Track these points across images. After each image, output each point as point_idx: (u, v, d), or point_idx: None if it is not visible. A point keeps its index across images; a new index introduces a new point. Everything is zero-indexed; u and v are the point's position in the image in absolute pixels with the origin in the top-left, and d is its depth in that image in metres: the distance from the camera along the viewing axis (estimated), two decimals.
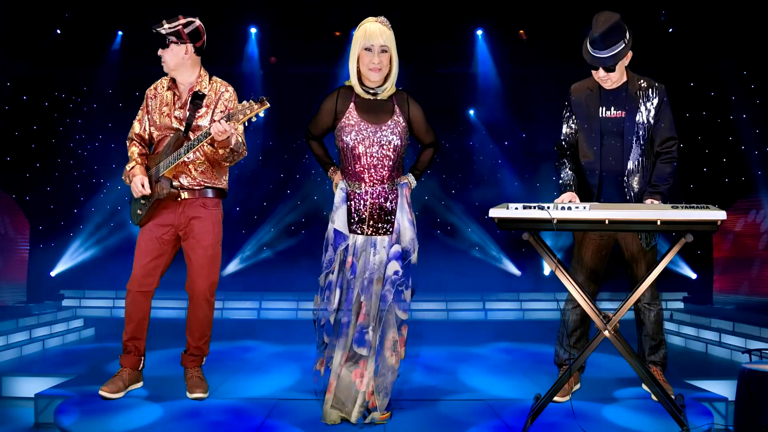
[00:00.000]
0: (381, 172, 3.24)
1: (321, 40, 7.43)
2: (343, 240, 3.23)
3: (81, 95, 7.47)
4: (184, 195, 3.47)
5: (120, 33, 7.46)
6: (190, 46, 3.45)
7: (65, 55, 7.09)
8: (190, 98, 3.46)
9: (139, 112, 3.60)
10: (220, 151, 3.40)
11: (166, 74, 3.56)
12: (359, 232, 3.26)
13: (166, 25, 3.42)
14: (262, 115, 3.28)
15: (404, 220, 3.25)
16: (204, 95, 3.47)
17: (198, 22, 3.47)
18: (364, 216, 3.25)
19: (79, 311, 6.84)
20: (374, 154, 3.22)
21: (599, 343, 3.04)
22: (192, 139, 3.40)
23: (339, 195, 3.26)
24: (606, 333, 2.98)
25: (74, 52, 7.09)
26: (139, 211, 3.51)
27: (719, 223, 2.79)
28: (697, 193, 7.13)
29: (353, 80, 3.25)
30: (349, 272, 3.23)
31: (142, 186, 3.42)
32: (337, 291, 3.23)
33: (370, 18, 3.22)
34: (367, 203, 3.25)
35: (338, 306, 3.24)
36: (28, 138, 7.17)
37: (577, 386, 3.74)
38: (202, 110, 3.46)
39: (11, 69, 6.82)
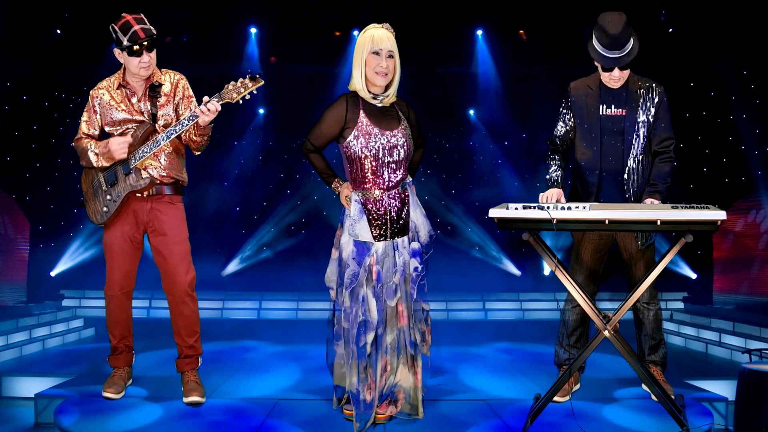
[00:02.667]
0: (395, 177, 3.23)
1: (321, 40, 7.43)
2: (367, 251, 3.19)
3: (81, 95, 7.46)
4: (151, 191, 3.42)
5: None
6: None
7: (65, 55, 7.09)
8: (147, 89, 3.41)
9: (84, 113, 3.48)
10: (197, 139, 3.36)
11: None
12: (380, 239, 3.22)
13: (151, 27, 3.32)
14: (255, 92, 3.24)
15: (419, 216, 3.30)
16: (161, 84, 3.43)
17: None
18: (384, 222, 3.22)
19: (79, 311, 6.85)
20: (389, 161, 3.20)
21: (599, 343, 3.04)
22: (162, 128, 3.35)
23: (355, 207, 3.20)
24: (606, 333, 2.98)
25: (74, 52, 7.08)
26: (105, 209, 3.39)
27: (719, 223, 2.79)
28: (697, 193, 7.13)
29: (359, 85, 3.20)
30: (377, 281, 3.20)
31: (125, 139, 3.29)
32: (374, 302, 3.19)
33: (374, 24, 3.21)
34: (387, 208, 3.23)
35: (377, 317, 3.19)
36: (28, 138, 7.16)
37: (577, 386, 3.74)
38: (162, 99, 3.42)
39: (11, 69, 6.82)
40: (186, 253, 3.48)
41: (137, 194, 3.40)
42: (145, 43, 3.28)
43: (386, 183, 3.22)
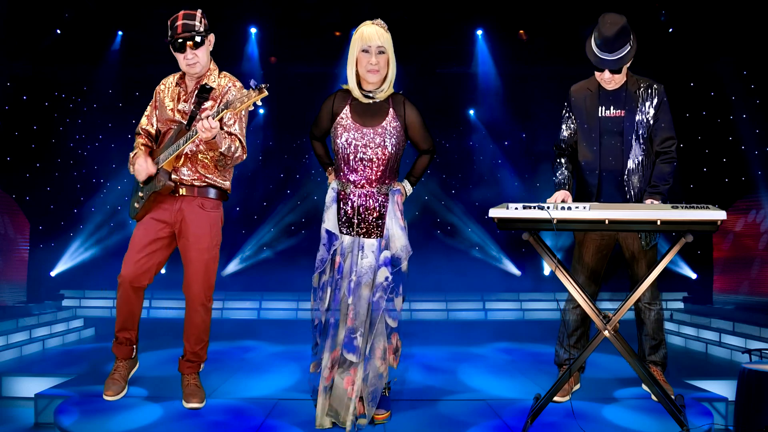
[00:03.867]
0: (369, 175, 3.23)
1: (321, 40, 7.44)
2: (335, 239, 3.23)
3: (81, 95, 7.48)
4: (182, 191, 3.33)
5: (120, 33, 7.46)
6: (212, 36, 3.32)
7: (65, 55, 7.10)
8: (196, 91, 3.33)
9: (148, 108, 3.48)
10: (210, 153, 3.27)
11: (175, 72, 3.48)
12: (346, 232, 3.25)
13: (197, 22, 3.23)
14: (260, 103, 3.10)
15: (394, 227, 3.21)
16: (211, 88, 3.31)
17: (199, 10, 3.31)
18: (351, 217, 3.25)
19: (79, 311, 6.85)
20: (363, 157, 3.21)
21: (599, 343, 3.04)
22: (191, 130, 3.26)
23: (330, 194, 3.28)
24: (606, 333, 2.98)
25: (74, 52, 7.09)
26: (136, 204, 3.37)
27: (719, 223, 2.79)
28: (697, 193, 7.13)
29: (351, 84, 3.25)
30: (337, 272, 3.24)
31: (147, 166, 3.25)
32: (328, 290, 3.25)
33: (366, 21, 3.22)
34: (354, 204, 3.24)
35: (328, 306, 3.25)
36: (28, 138, 7.17)
37: (577, 386, 3.73)
38: (208, 103, 3.31)
39: (11, 69, 6.82)
40: (206, 263, 3.35)
41: (167, 193, 3.33)
42: (192, 40, 3.21)
43: (359, 179, 3.23)
